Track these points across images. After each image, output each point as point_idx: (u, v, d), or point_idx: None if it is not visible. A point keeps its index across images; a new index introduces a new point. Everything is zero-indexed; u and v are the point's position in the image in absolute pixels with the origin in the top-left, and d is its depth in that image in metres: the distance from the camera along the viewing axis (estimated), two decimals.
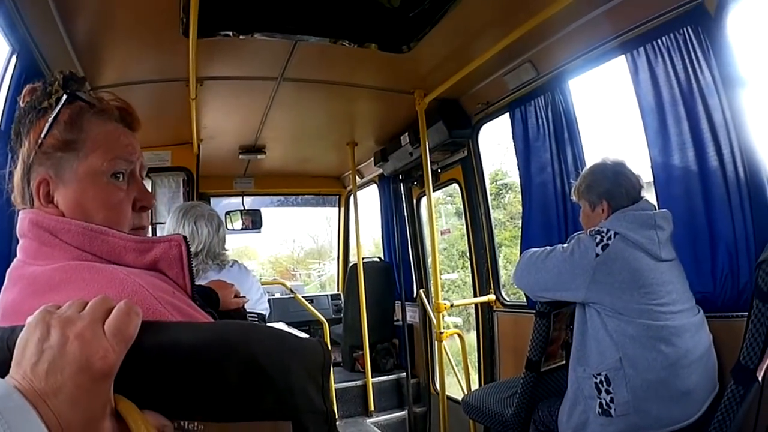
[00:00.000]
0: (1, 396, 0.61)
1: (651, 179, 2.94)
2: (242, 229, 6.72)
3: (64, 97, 1.10)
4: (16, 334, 0.73)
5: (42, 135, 1.08)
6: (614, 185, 2.66)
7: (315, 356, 0.81)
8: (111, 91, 1.19)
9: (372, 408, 5.68)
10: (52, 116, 1.09)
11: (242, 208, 6.89)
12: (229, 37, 3.17)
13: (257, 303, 3.10)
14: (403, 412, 5.85)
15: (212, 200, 6.55)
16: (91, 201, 1.08)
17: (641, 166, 2.83)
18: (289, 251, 20.78)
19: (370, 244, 7.77)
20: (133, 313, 0.74)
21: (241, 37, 3.17)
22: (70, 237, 1.01)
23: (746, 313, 2.25)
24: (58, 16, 2.84)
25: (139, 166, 1.18)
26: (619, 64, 3.08)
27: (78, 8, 2.86)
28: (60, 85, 1.11)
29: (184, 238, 1.06)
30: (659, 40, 2.81)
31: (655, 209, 2.64)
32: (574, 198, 2.89)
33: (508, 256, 7.19)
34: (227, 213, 6.63)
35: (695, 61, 2.67)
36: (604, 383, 2.48)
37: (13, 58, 2.87)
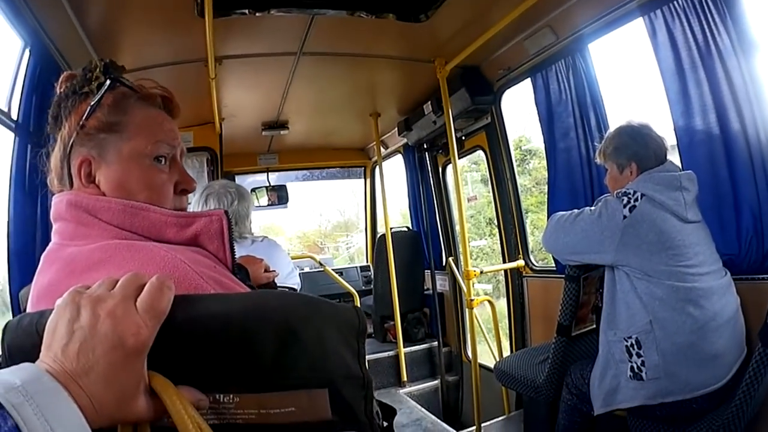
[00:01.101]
0: (30, 380, 0.61)
1: (674, 142, 2.90)
2: (269, 204, 6.73)
3: (108, 82, 1.13)
4: (45, 318, 0.73)
5: (84, 116, 1.10)
6: (642, 147, 2.64)
7: (350, 321, 0.80)
8: (129, 76, 1.20)
9: (405, 378, 5.71)
10: (96, 98, 1.11)
11: (268, 184, 6.90)
12: (245, 15, 3.16)
13: (287, 277, 3.11)
14: (436, 381, 5.88)
15: (237, 178, 6.55)
16: (135, 181, 1.10)
17: (665, 130, 2.79)
18: (316, 225, 20.86)
19: (397, 214, 7.76)
20: (165, 288, 0.74)
21: (257, 14, 3.16)
22: (109, 215, 1.02)
23: None
24: (68, 5, 2.84)
25: (179, 152, 1.21)
26: (639, 27, 3.03)
27: None
28: (101, 71, 1.14)
29: (226, 212, 1.07)
30: (676, 2, 2.77)
31: (680, 171, 2.61)
32: (599, 160, 2.86)
33: (535, 222, 7.16)
34: (253, 190, 6.62)
35: (712, 23, 2.63)
36: (635, 347, 2.48)
37: (27, 52, 2.89)
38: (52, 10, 2.84)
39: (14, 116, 2.83)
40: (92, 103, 1.11)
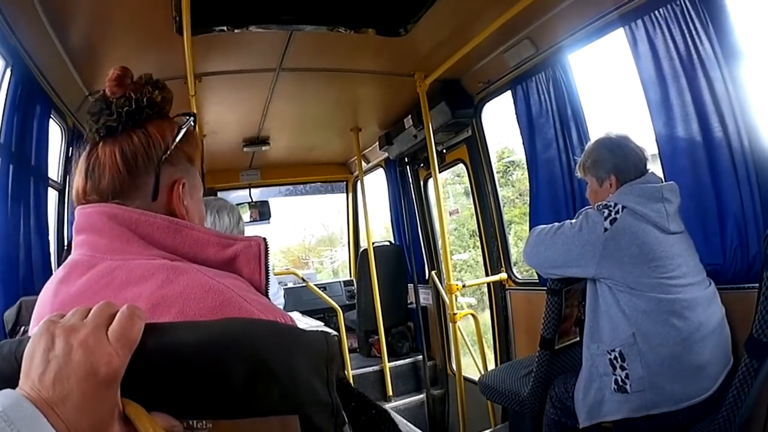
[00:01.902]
0: (11, 405, 0.62)
1: (656, 152, 2.92)
2: (251, 221, 6.72)
3: (191, 118, 1.17)
4: (23, 346, 0.73)
5: (175, 138, 1.12)
6: (621, 159, 2.64)
7: (319, 349, 0.80)
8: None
9: (390, 393, 5.70)
10: (186, 125, 1.15)
11: (250, 200, 6.92)
12: (224, 32, 3.18)
13: (274, 297, 3.10)
14: (422, 395, 5.87)
15: (219, 194, 6.53)
16: (196, 213, 1.15)
17: (646, 140, 2.81)
18: (300, 240, 20.86)
19: (380, 228, 7.78)
20: (136, 317, 0.74)
21: (236, 31, 3.18)
22: (151, 230, 1.01)
23: (758, 285, 2.24)
24: (49, 25, 2.86)
25: None
26: (619, 37, 3.05)
27: (69, 15, 2.87)
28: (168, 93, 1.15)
29: (264, 239, 1.08)
30: (657, 12, 2.78)
31: (662, 182, 2.62)
32: (579, 174, 2.87)
33: (519, 233, 7.17)
34: (237, 209, 6.62)
35: (694, 33, 2.64)
36: (619, 359, 2.47)
37: (8, 72, 2.89)
38: (33, 30, 2.86)
39: None
40: (182, 128, 1.14)
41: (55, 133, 3.75)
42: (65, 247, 3.68)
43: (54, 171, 3.79)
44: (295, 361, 0.77)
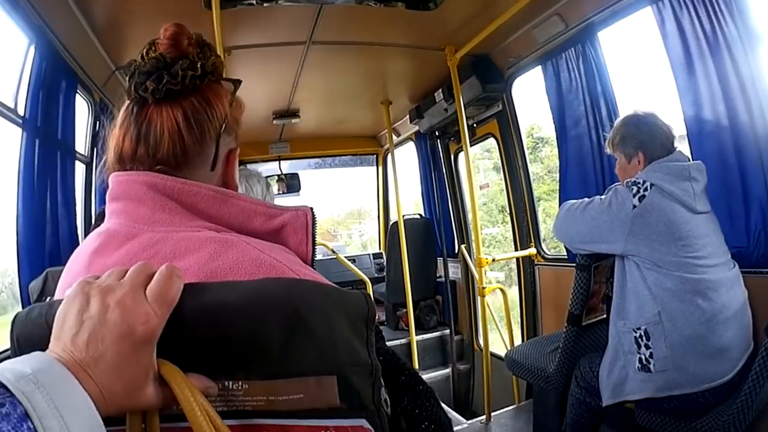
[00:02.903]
0: (42, 369, 0.61)
1: (683, 132, 2.89)
2: (281, 193, 6.73)
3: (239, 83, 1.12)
4: (55, 309, 0.73)
5: (230, 103, 1.07)
6: (649, 136, 2.62)
7: (359, 308, 0.79)
8: None
9: (416, 366, 5.68)
10: (234, 88, 1.10)
11: (280, 173, 6.93)
12: (253, 6, 3.17)
13: None
14: (447, 370, 5.90)
15: (249, 166, 6.55)
16: (233, 181, 1.10)
17: (676, 120, 2.79)
18: (328, 213, 20.88)
19: (408, 201, 7.77)
20: (174, 276, 0.73)
21: (265, 4, 3.16)
22: (196, 200, 0.96)
23: None
24: (72, 1, 2.86)
25: None
26: (648, 16, 3.02)
27: None
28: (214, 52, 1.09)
29: (311, 208, 1.04)
30: None
31: (689, 160, 2.60)
32: (608, 150, 2.86)
33: (547, 210, 7.11)
34: (265, 178, 6.64)
35: (719, 12, 2.62)
36: (644, 338, 2.47)
37: (32, 50, 2.90)
38: (56, 8, 2.87)
39: (20, 112, 2.86)
40: (233, 95, 1.09)
41: (81, 107, 3.78)
42: (92, 222, 3.72)
43: (81, 144, 3.83)
44: (335, 321, 0.76)
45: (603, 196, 2.67)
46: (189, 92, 1.01)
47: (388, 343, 1.00)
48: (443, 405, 1.03)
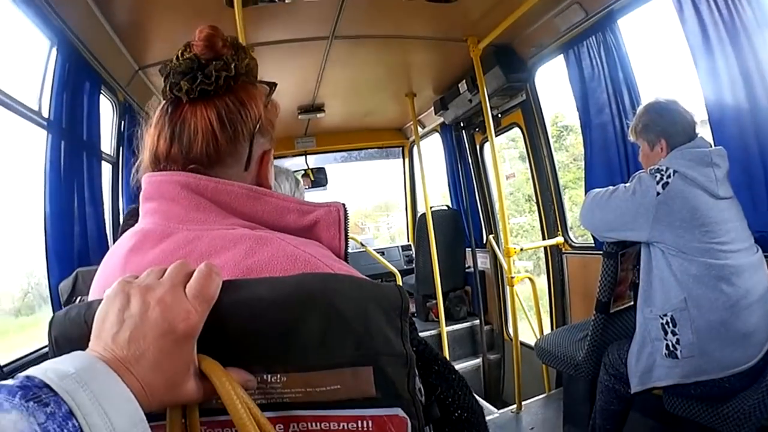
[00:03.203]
0: (84, 367, 0.62)
1: (705, 117, 2.89)
2: (308, 187, 6.76)
3: (274, 87, 1.12)
4: (93, 309, 0.75)
5: (264, 104, 1.08)
6: (670, 123, 2.62)
7: (393, 300, 0.80)
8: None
9: (447, 357, 5.67)
10: (270, 91, 1.11)
11: (306, 167, 6.97)
12: (274, 2, 3.19)
13: None
14: (478, 360, 5.92)
15: (276, 163, 6.58)
16: (267, 182, 1.10)
17: (697, 105, 2.79)
18: (356, 206, 20.87)
19: (435, 193, 7.76)
20: (213, 274, 0.75)
21: (286, 1, 3.19)
22: (230, 199, 0.97)
23: None
24: (92, 2, 2.91)
25: None
26: (667, 3, 3.01)
27: None
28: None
29: (344, 204, 1.05)
30: None
31: (711, 147, 2.59)
32: (631, 138, 2.86)
33: (574, 198, 7.07)
34: (294, 173, 6.67)
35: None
36: (670, 324, 2.47)
37: (53, 51, 2.94)
38: (76, 9, 2.91)
39: (45, 114, 2.90)
40: (269, 94, 1.11)
41: (105, 107, 3.82)
42: (120, 224, 3.76)
43: (106, 144, 3.87)
44: (371, 313, 0.77)
45: (627, 184, 2.67)
46: (223, 93, 1.02)
47: (419, 335, 1.01)
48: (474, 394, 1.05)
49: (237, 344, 0.76)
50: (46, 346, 2.57)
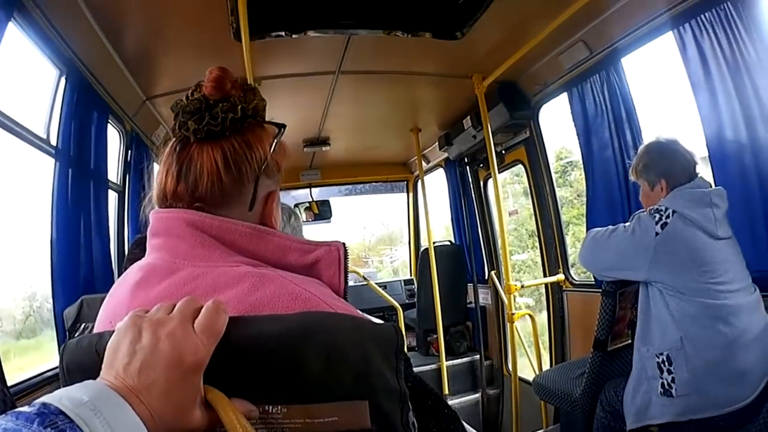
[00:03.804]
0: (97, 396, 0.65)
1: (705, 155, 2.91)
2: (312, 220, 6.79)
3: (283, 129, 1.14)
4: (104, 340, 0.78)
5: (272, 148, 1.09)
6: (670, 163, 2.65)
7: (389, 339, 0.84)
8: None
9: (447, 391, 5.67)
10: (279, 134, 1.12)
11: (311, 200, 7.00)
12: (282, 37, 3.24)
13: None
14: (477, 395, 5.86)
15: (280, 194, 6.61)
16: (271, 222, 1.11)
17: (698, 143, 2.82)
18: (360, 239, 20.86)
19: (439, 227, 7.77)
20: (221, 311, 0.78)
21: (294, 36, 3.24)
22: (234, 237, 0.99)
23: None
24: (102, 33, 2.96)
25: None
26: (670, 41, 3.05)
27: (122, 23, 2.98)
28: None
29: (343, 243, 1.07)
30: (703, 16, 2.78)
31: (711, 186, 2.61)
32: (632, 178, 2.88)
33: (577, 234, 7.06)
34: (295, 205, 6.72)
35: (738, 37, 2.64)
36: (666, 363, 2.48)
37: (62, 80, 2.97)
38: (86, 39, 2.96)
39: (53, 142, 2.93)
40: (276, 139, 1.11)
41: (112, 137, 3.85)
42: (125, 252, 3.78)
43: (113, 173, 3.91)
44: (369, 350, 0.80)
45: (627, 224, 2.69)
46: (230, 134, 1.04)
47: (420, 369, 1.04)
48: (469, 427, 1.06)
49: (242, 376, 0.79)
50: (50, 369, 2.59)
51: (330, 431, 0.77)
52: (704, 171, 2.70)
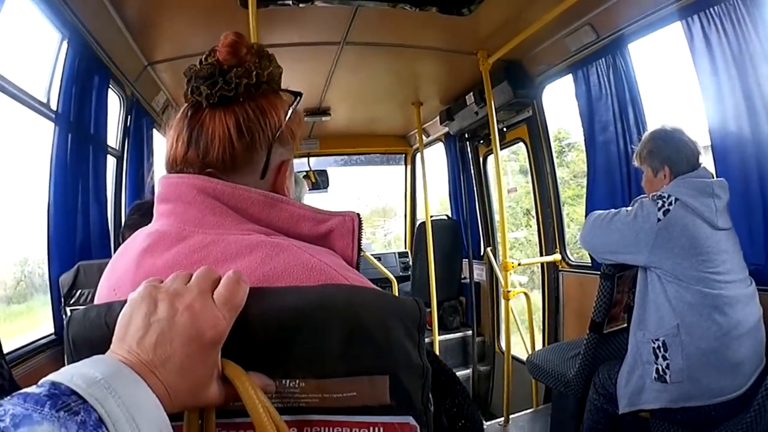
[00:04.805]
0: (111, 373, 0.62)
1: (708, 144, 2.94)
2: (310, 189, 6.76)
3: (299, 97, 1.10)
4: (114, 311, 0.76)
5: (288, 115, 1.06)
6: (674, 151, 2.66)
7: (412, 313, 0.81)
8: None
9: None
10: (296, 101, 1.08)
11: (308, 169, 6.98)
12: (289, 6, 3.21)
13: None
14: (468, 371, 5.92)
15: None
16: (284, 191, 1.08)
17: (700, 131, 2.84)
18: (354, 209, 20.80)
19: (434, 201, 7.75)
20: (242, 282, 0.76)
21: (301, 5, 3.20)
22: (246, 205, 0.96)
23: None
24: None
25: None
26: (678, 32, 3.05)
27: None
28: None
29: (358, 214, 1.05)
30: (711, 9, 2.78)
31: (713, 177, 2.63)
32: (636, 163, 2.89)
33: (571, 215, 7.07)
34: (296, 173, 6.68)
35: (745, 30, 2.65)
36: (662, 349, 2.51)
37: (64, 45, 2.95)
38: (89, 3, 2.93)
39: (53, 107, 2.91)
40: (292, 107, 1.07)
41: (112, 102, 3.82)
42: (122, 218, 3.76)
43: (112, 138, 3.88)
44: (391, 326, 0.79)
45: (629, 208, 2.70)
46: (244, 100, 1.01)
47: None
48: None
49: (260, 350, 0.78)
50: (44, 336, 2.57)
51: (348, 406, 0.76)
52: (706, 161, 2.71)
